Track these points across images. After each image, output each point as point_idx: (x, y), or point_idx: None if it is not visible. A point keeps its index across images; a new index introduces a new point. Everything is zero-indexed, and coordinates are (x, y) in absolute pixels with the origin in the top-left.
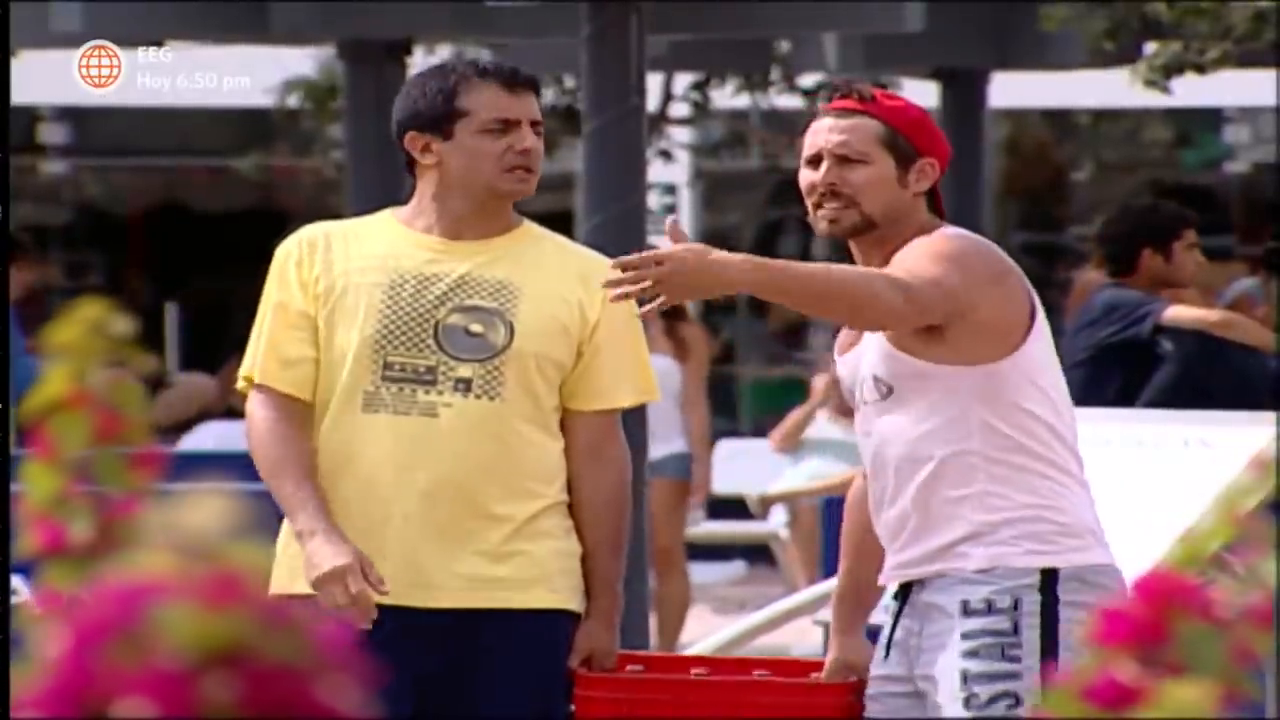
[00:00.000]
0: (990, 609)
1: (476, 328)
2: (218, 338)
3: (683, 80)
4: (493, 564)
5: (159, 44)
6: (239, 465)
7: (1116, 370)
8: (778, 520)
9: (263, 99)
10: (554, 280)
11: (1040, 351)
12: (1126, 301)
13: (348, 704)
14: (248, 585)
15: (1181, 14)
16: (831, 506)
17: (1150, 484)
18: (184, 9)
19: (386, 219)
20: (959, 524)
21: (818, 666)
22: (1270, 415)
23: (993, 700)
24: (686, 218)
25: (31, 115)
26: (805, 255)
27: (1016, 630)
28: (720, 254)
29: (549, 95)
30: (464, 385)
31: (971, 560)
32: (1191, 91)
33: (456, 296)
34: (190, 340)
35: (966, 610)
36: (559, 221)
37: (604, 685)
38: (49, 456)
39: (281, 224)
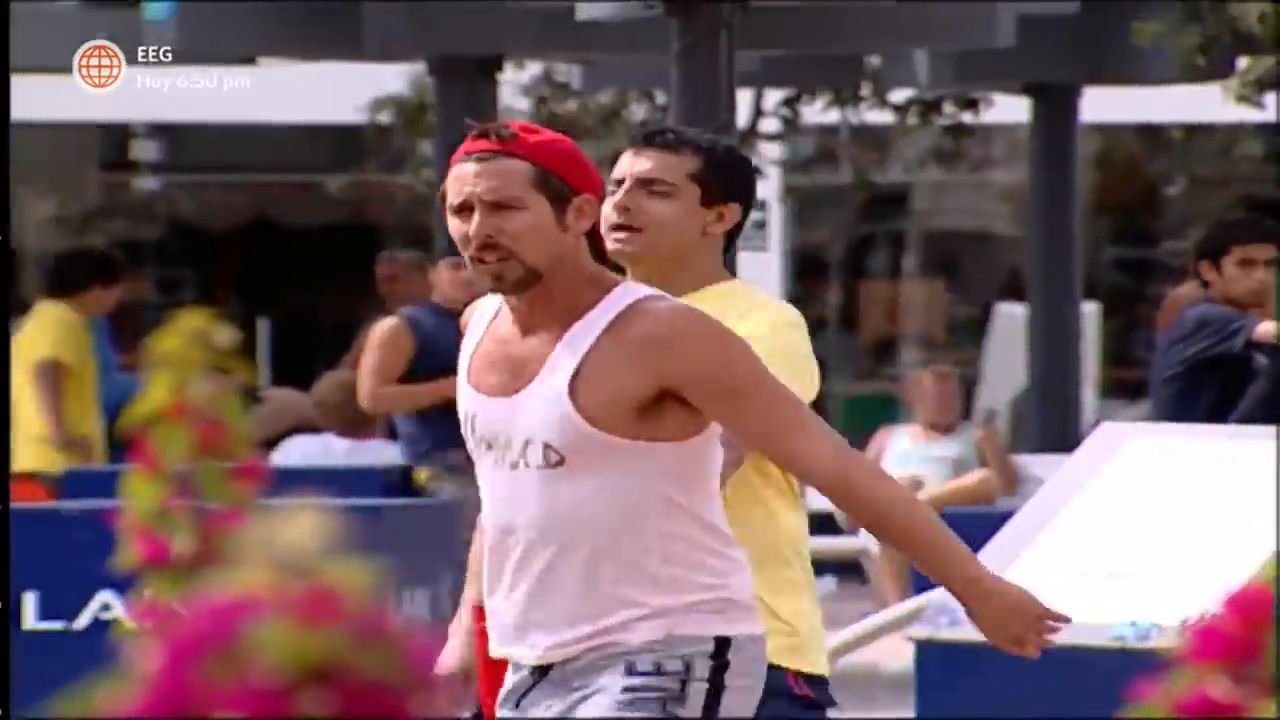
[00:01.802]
0: (659, 670)
1: None
2: (308, 353)
3: (773, 96)
4: None
5: (251, 61)
6: (327, 480)
7: (1208, 386)
8: (868, 535)
9: (354, 116)
10: None
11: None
12: (1217, 317)
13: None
14: (343, 601)
15: (1275, 29)
16: None
17: (1243, 499)
18: (277, 27)
19: None
20: (631, 606)
21: None
22: None
23: None
24: (776, 233)
25: (125, 132)
26: (895, 271)
27: (683, 688)
28: (1015, 590)
29: (640, 111)
30: None
31: (640, 633)
32: None
33: None
34: (281, 356)
35: (631, 670)
36: None
37: None
38: (151, 468)
39: (372, 240)
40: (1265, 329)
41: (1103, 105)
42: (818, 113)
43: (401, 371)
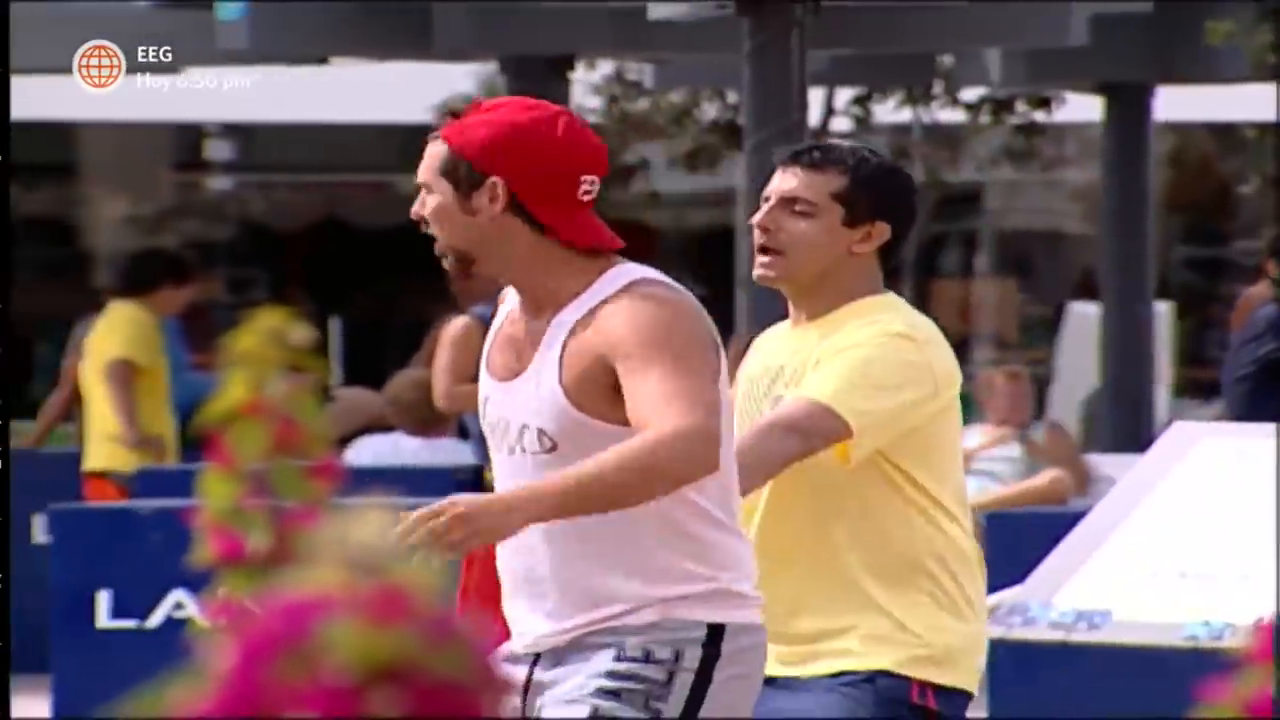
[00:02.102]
0: (648, 658)
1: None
2: (379, 353)
3: (844, 94)
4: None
5: (324, 61)
6: (398, 479)
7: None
8: None
9: (425, 116)
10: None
11: (728, 406)
12: None
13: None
14: (414, 601)
15: None
16: (995, 521)
17: None
18: (347, 27)
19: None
20: (624, 594)
21: None
22: None
23: None
24: None
25: (198, 132)
26: (968, 270)
27: (669, 681)
28: (505, 501)
29: (711, 110)
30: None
31: (633, 616)
32: None
33: (774, 388)
34: (351, 355)
35: (620, 655)
36: (721, 237)
37: None
38: (227, 466)
39: None
40: None
41: (1176, 104)
42: (890, 111)
43: (475, 370)
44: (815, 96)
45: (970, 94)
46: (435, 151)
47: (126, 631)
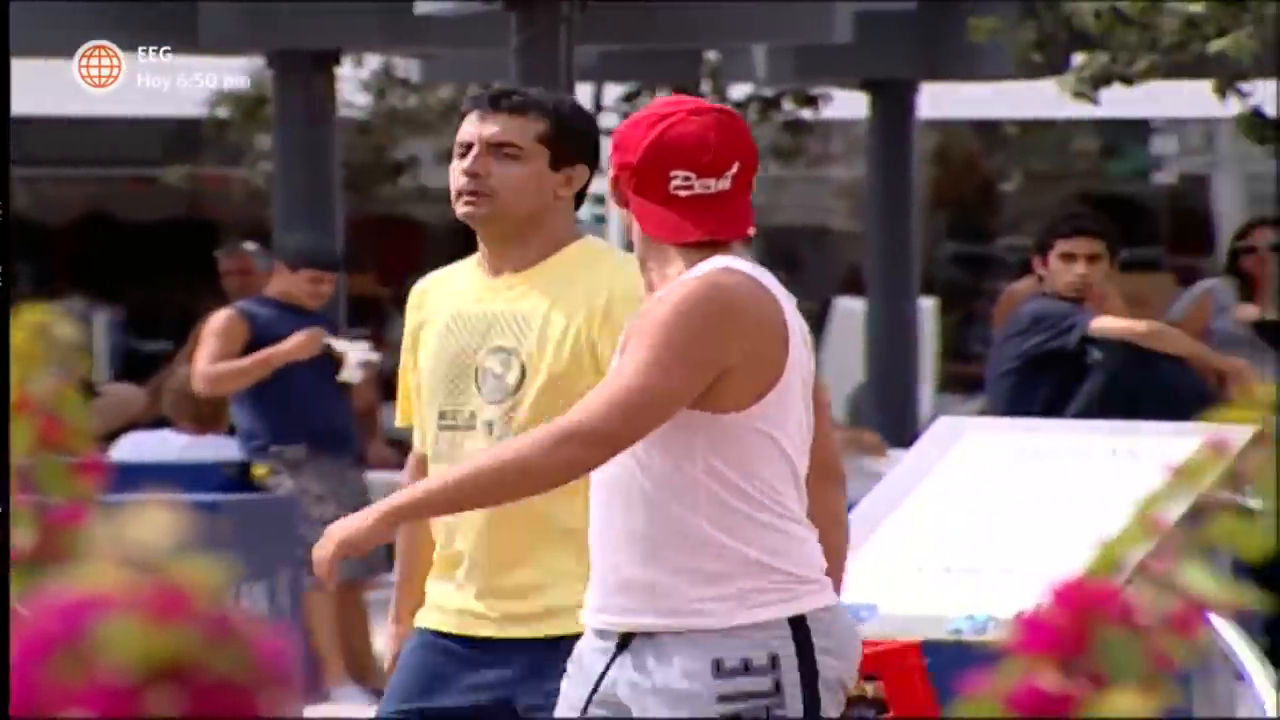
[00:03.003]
0: (747, 669)
1: (499, 369)
2: (146, 348)
3: (613, 91)
4: (520, 601)
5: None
6: (165, 475)
7: (1044, 380)
8: None
9: (192, 109)
10: (566, 309)
11: (781, 396)
12: (1053, 312)
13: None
14: (192, 599)
15: (1109, 25)
16: None
17: (1077, 494)
18: (112, 20)
19: (475, 257)
20: (687, 574)
21: None
22: (1197, 426)
23: None
24: (616, 228)
25: None
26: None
27: (779, 689)
28: (355, 521)
29: None
30: (489, 428)
31: (713, 617)
32: (1119, 103)
33: (490, 337)
34: (118, 350)
35: (719, 670)
36: None
37: None
38: None
39: (209, 234)
40: (1101, 324)
41: (940, 101)
42: None
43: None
44: (583, 92)
45: (737, 91)
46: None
47: None
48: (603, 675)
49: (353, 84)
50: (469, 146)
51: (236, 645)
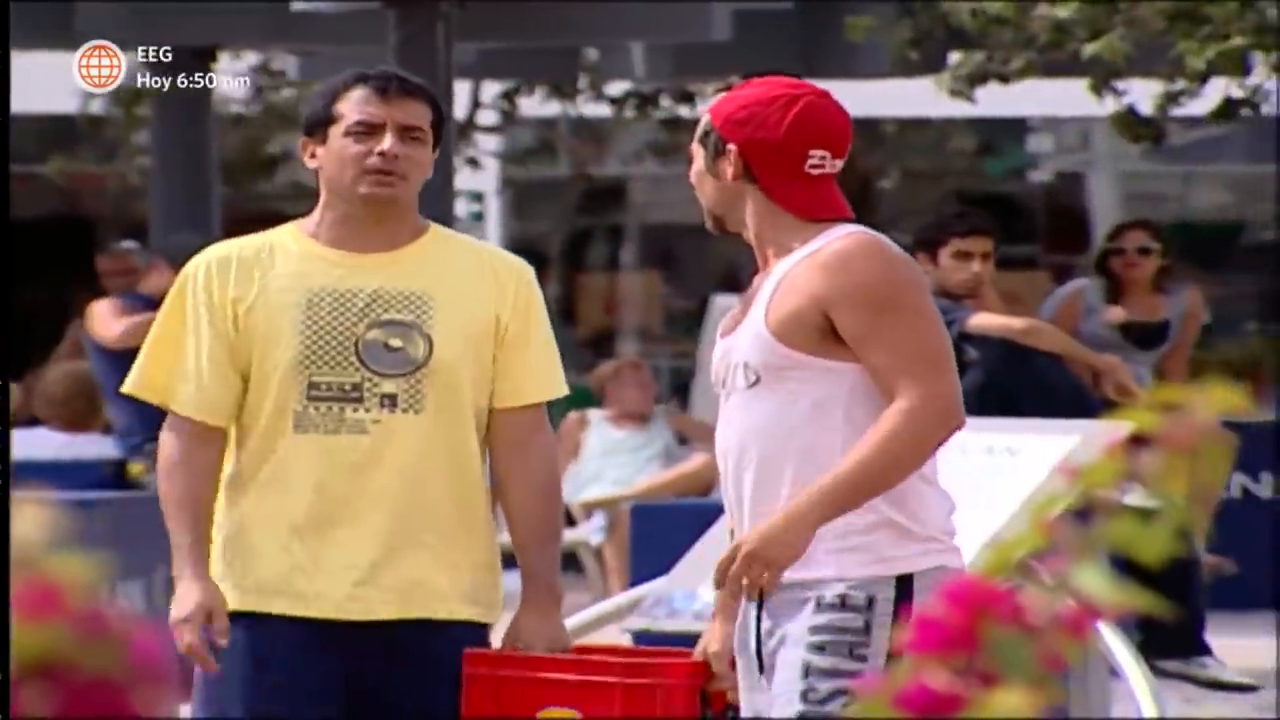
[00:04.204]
0: (844, 604)
1: (396, 342)
2: (21, 346)
3: (491, 88)
4: (431, 573)
5: None
6: (41, 474)
7: None
8: (588, 527)
9: (68, 106)
10: (466, 286)
11: None
12: None
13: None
14: (65, 596)
15: (985, 24)
16: (639, 512)
17: (955, 491)
18: None
19: (293, 233)
20: (813, 554)
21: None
22: (1076, 424)
23: (831, 696)
24: (494, 225)
25: None
26: (613, 263)
27: (868, 629)
28: (779, 523)
29: None
30: (390, 401)
31: (827, 567)
32: (996, 101)
33: (373, 311)
34: None
35: (819, 605)
36: None
37: (492, 661)
38: None
39: (85, 231)
40: (979, 321)
41: None
42: (536, 105)
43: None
44: (462, 90)
45: (616, 88)
46: (701, 122)
47: None
48: (759, 643)
49: (231, 79)
50: (373, 127)
51: (111, 643)
